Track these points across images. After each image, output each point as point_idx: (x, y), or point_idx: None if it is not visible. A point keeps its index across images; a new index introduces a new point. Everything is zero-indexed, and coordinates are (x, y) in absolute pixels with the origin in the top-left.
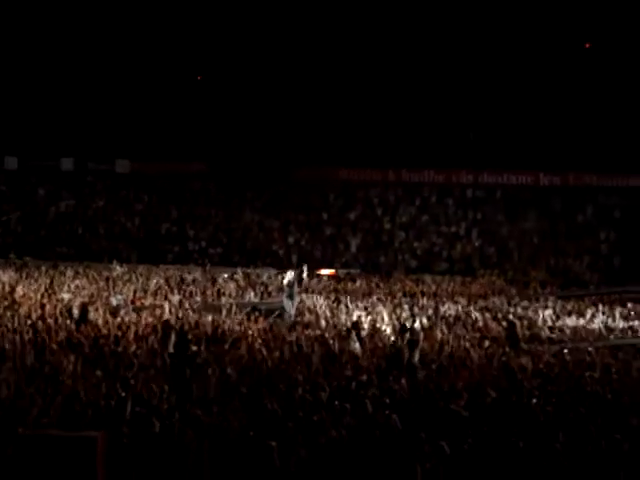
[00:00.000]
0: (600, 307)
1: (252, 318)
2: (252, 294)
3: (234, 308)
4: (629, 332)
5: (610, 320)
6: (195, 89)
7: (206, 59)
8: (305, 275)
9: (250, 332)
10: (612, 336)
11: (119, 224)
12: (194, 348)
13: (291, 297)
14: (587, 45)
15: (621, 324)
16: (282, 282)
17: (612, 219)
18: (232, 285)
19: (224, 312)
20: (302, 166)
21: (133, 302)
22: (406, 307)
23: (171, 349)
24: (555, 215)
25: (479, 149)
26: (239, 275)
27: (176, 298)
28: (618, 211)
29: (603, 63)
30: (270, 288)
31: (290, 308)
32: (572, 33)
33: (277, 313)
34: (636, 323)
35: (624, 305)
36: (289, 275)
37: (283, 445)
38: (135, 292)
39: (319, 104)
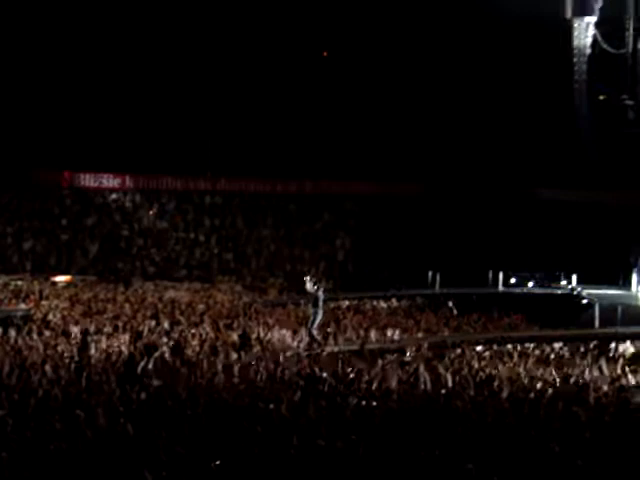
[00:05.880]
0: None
1: None
2: None
3: None
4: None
5: None
6: None
7: None
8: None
9: None
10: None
11: None
12: None
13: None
14: (324, 53)
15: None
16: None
17: (347, 226)
18: None
19: None
20: (38, 169)
21: None
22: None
23: None
24: (292, 222)
25: (216, 156)
26: None
27: None
28: (353, 218)
29: (340, 71)
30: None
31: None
32: (310, 41)
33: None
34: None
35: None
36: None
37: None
38: None
39: (56, 103)
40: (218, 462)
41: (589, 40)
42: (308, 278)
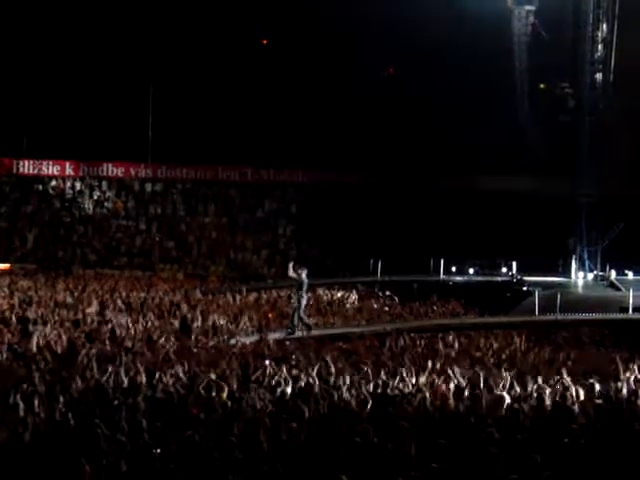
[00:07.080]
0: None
1: None
2: None
3: None
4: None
5: None
6: None
7: None
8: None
9: None
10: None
11: None
12: None
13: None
14: (264, 41)
15: None
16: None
17: (289, 214)
18: None
19: None
20: None
21: None
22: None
23: None
24: (234, 209)
25: (156, 143)
26: None
27: None
28: (294, 206)
29: (280, 59)
30: None
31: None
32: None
33: None
34: None
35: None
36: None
37: None
38: None
39: None
40: (159, 450)
41: (529, 28)
42: (291, 264)
